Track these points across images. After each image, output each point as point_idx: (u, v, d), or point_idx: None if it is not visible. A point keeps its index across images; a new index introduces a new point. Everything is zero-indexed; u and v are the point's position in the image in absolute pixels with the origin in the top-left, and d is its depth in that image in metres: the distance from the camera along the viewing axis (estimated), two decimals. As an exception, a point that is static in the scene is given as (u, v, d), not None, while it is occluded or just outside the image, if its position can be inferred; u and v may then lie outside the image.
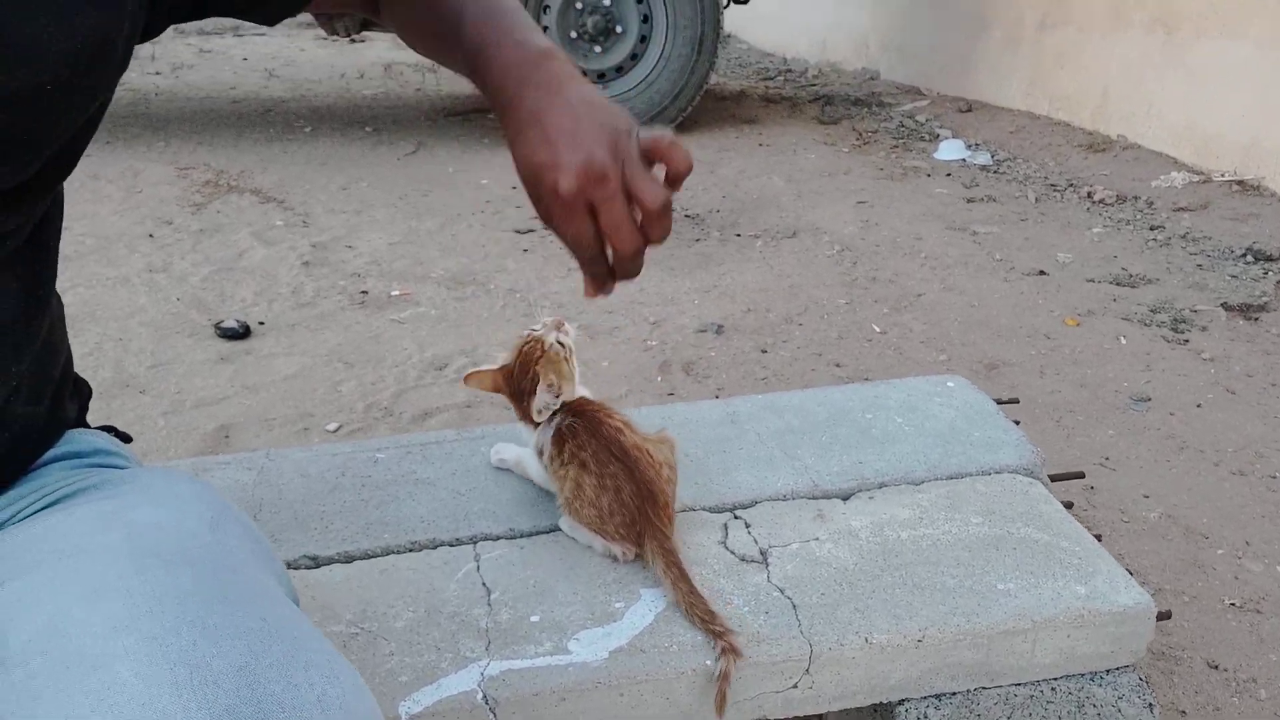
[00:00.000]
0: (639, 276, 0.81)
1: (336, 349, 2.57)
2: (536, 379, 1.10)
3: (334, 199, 3.90)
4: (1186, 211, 3.53)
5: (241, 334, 2.63)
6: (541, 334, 1.13)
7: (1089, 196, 3.75)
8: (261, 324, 2.72)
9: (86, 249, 3.28)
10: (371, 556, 1.14)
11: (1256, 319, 2.67)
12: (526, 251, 3.31)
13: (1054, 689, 1.05)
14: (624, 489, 1.05)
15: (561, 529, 1.15)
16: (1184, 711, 1.41)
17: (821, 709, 1.02)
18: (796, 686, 1.00)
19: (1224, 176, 3.79)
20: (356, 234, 3.49)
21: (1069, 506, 1.24)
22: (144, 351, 2.56)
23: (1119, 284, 2.94)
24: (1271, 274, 2.95)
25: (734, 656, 0.96)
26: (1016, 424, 1.39)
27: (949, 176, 4.12)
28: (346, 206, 3.81)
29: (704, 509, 1.22)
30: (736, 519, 1.19)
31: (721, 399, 1.50)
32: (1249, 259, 3.06)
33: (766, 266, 3.12)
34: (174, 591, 0.63)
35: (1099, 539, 1.17)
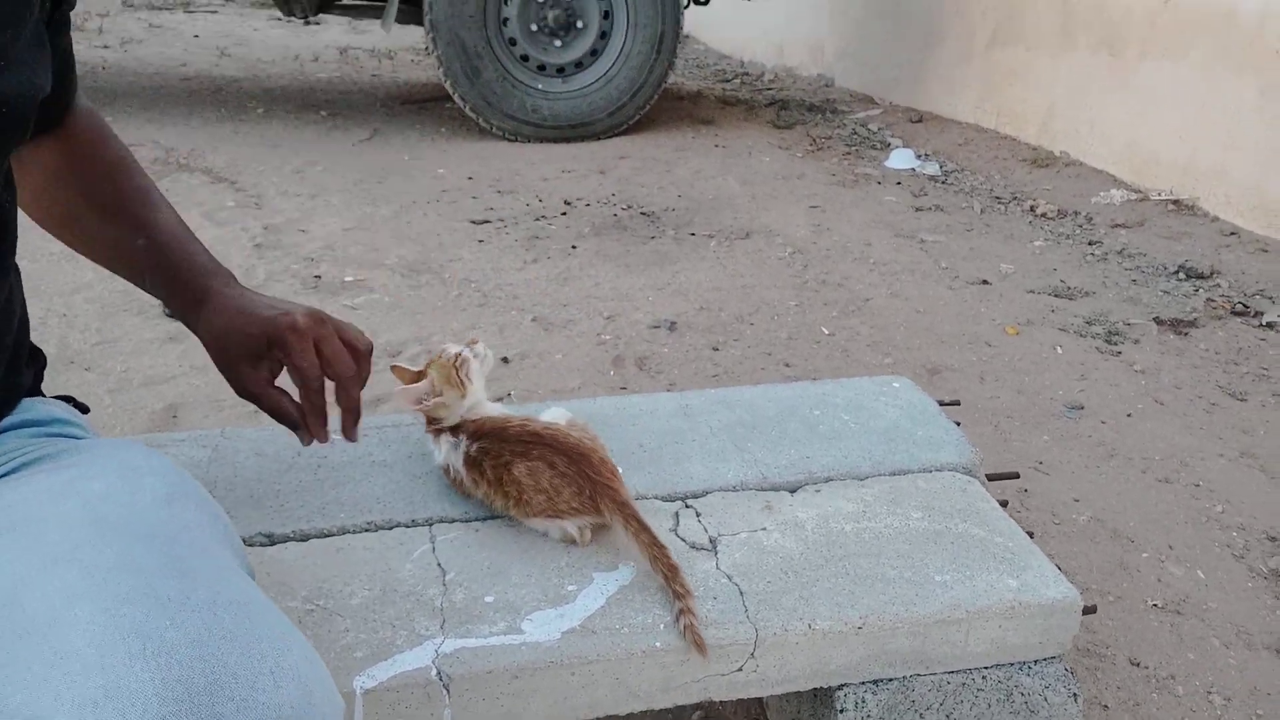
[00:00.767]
0: (358, 418, 1.03)
1: (288, 332, 2.56)
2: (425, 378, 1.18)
3: (287, 182, 3.86)
4: (1123, 228, 3.65)
5: (190, 314, 2.60)
6: (452, 350, 1.21)
7: (1032, 210, 3.86)
8: (211, 305, 2.69)
9: (29, 222, 3.20)
10: (327, 535, 1.15)
11: (1186, 334, 2.78)
12: (482, 242, 3.31)
13: (985, 677, 1.10)
14: (556, 461, 1.09)
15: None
16: (1106, 706, 1.48)
17: (765, 692, 1.06)
18: (742, 670, 1.03)
19: (1160, 196, 3.92)
20: (310, 218, 3.46)
21: (1004, 505, 1.29)
22: (89, 328, 2.52)
23: (1057, 295, 3.03)
24: (1202, 291, 3.06)
25: (692, 618, 0.99)
26: (957, 425, 1.45)
27: (899, 185, 4.21)
28: (300, 190, 3.77)
29: (656, 497, 1.25)
30: (688, 508, 1.23)
31: (675, 392, 1.53)
32: (1181, 276, 3.18)
33: (720, 266, 3.17)
34: (129, 563, 0.64)
35: (1031, 536, 1.22)
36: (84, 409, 1.00)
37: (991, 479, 1.41)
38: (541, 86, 4.65)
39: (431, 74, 5.71)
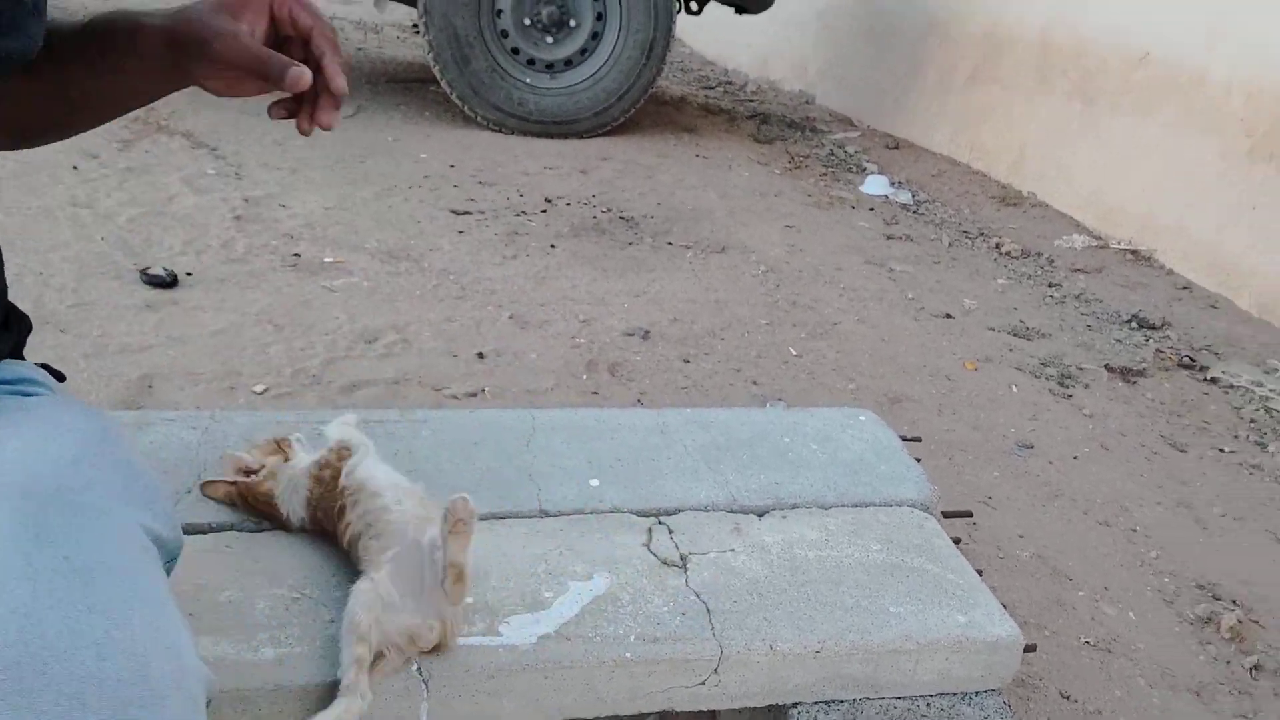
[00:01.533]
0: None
1: (266, 309, 2.58)
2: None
3: (268, 153, 3.85)
4: (1083, 273, 3.77)
5: (169, 283, 2.61)
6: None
7: (997, 247, 3.97)
8: (189, 275, 2.70)
9: (6, 173, 3.18)
10: (316, 526, 1.19)
11: (1134, 382, 2.90)
12: (462, 233, 3.35)
13: (929, 704, 1.17)
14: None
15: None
16: (1034, 735, 1.57)
17: (724, 706, 1.12)
18: (704, 684, 1.09)
19: (1120, 245, 4.06)
20: (290, 193, 3.47)
21: (957, 542, 1.37)
22: (65, 289, 2.51)
23: (1016, 335, 3.14)
24: (1152, 341, 3.19)
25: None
26: (918, 461, 1.52)
27: (872, 211, 4.30)
28: (281, 163, 3.77)
29: (631, 511, 1.31)
30: (660, 524, 1.29)
31: (654, 409, 1.59)
32: (1134, 325, 3.31)
33: (695, 278, 3.23)
34: None
35: (980, 574, 1.30)
36: (60, 377, 0.98)
37: (946, 515, 1.49)
38: (530, 81, 4.67)
39: (418, 53, 5.71)
